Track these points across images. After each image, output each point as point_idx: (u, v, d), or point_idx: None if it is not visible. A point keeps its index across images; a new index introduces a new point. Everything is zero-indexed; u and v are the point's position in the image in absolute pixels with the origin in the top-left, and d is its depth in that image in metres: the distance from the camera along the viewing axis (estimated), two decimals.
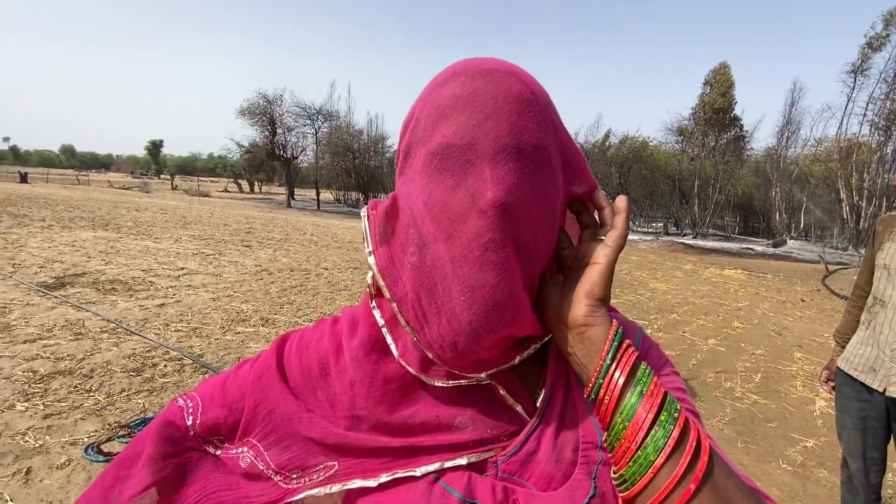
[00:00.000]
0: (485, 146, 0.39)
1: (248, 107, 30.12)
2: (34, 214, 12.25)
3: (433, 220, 0.41)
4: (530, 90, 0.41)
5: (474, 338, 0.39)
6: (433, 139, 0.41)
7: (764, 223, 36.28)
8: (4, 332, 3.89)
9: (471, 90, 0.40)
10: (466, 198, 0.39)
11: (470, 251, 0.39)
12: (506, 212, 0.38)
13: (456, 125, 0.40)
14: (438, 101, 0.41)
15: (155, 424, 0.47)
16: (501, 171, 0.38)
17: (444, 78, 0.43)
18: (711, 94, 29.35)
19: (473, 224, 0.38)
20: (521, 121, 0.40)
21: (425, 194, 0.41)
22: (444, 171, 0.40)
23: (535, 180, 0.40)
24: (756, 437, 3.22)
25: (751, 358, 5.01)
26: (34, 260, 6.73)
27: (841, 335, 1.96)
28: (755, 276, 12.13)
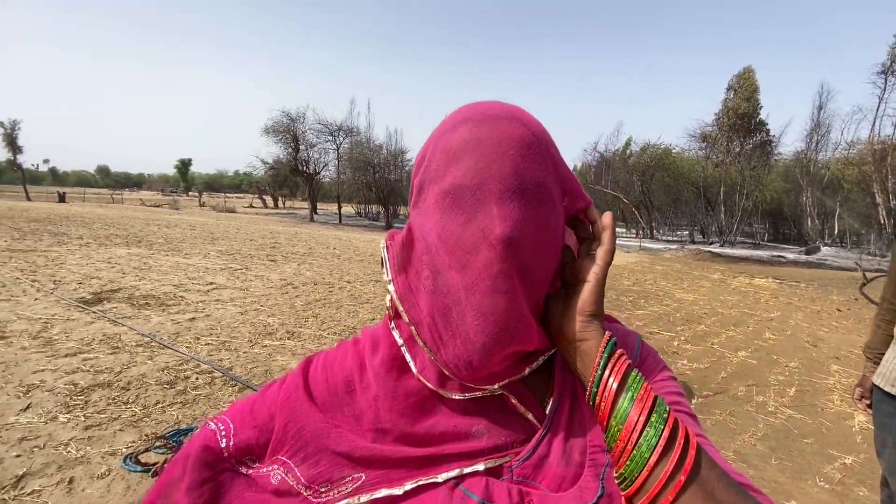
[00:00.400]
0: (492, 187, 0.43)
1: (273, 125, 31.04)
2: (72, 233, 12.83)
3: (447, 252, 0.45)
4: (531, 133, 0.46)
5: (486, 356, 0.44)
6: (446, 179, 0.45)
7: (795, 230, 35.12)
8: (47, 347, 4.08)
9: (478, 136, 0.45)
10: (477, 232, 0.43)
11: (482, 280, 0.43)
12: (512, 245, 0.43)
13: (466, 168, 0.44)
14: (449, 145, 0.46)
15: (193, 449, 0.51)
16: (508, 209, 0.43)
17: (453, 123, 0.48)
18: (735, 99, 28.78)
19: (484, 256, 0.43)
20: (523, 163, 0.44)
21: (439, 228, 0.46)
22: (456, 209, 0.45)
23: (539, 215, 0.45)
24: (791, 454, 3.11)
25: (784, 371, 4.85)
26: (73, 276, 7.04)
27: (871, 350, 1.88)
28: (787, 285, 11.74)
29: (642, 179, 32.51)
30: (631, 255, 18.35)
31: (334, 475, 0.48)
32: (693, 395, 4.01)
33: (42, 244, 10.15)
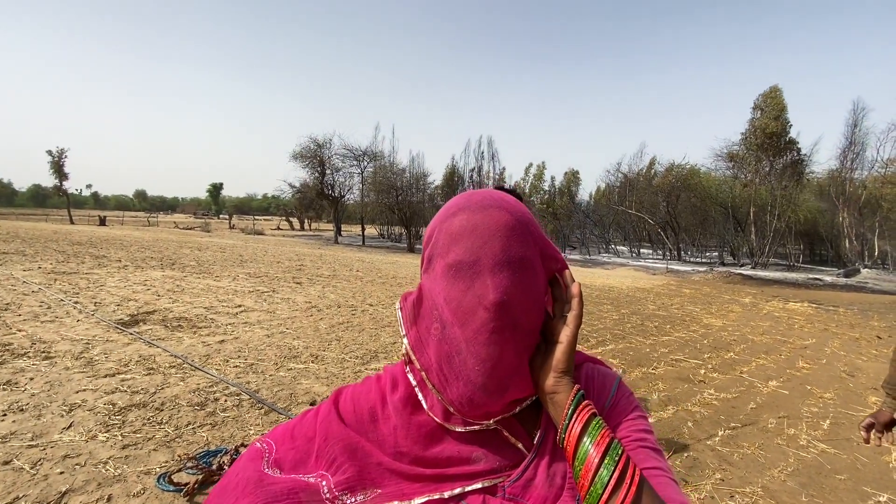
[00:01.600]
0: (486, 262, 0.56)
1: (301, 150, 32.16)
2: (111, 255, 13.47)
3: (451, 311, 0.57)
4: (514, 219, 0.59)
5: (486, 395, 0.55)
6: (450, 255, 0.58)
7: (832, 251, 33.70)
8: (88, 367, 4.31)
9: (473, 222, 0.58)
10: (475, 298, 0.56)
11: (480, 334, 0.55)
12: (503, 307, 0.55)
13: (465, 248, 0.57)
14: (451, 228, 0.59)
15: (243, 467, 0.62)
16: (498, 279, 0.55)
17: (455, 210, 0.61)
18: (762, 119, 28.27)
19: (481, 316, 0.55)
20: (508, 242, 0.57)
21: (445, 292, 0.58)
22: (458, 279, 0.57)
23: (524, 282, 0.57)
24: (823, 490, 2.99)
25: (818, 402, 4.66)
26: (112, 298, 7.41)
27: (891, 386, 1.80)
28: (824, 310, 11.28)
29: (667, 200, 32.02)
30: (657, 278, 17.97)
31: (356, 485, 0.59)
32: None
33: (84, 267, 10.70)
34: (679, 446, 3.51)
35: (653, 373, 5.32)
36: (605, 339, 6.91)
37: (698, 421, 4.00)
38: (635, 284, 15.12)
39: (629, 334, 7.30)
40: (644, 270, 21.66)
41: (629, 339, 6.91)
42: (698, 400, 4.50)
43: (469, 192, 0.64)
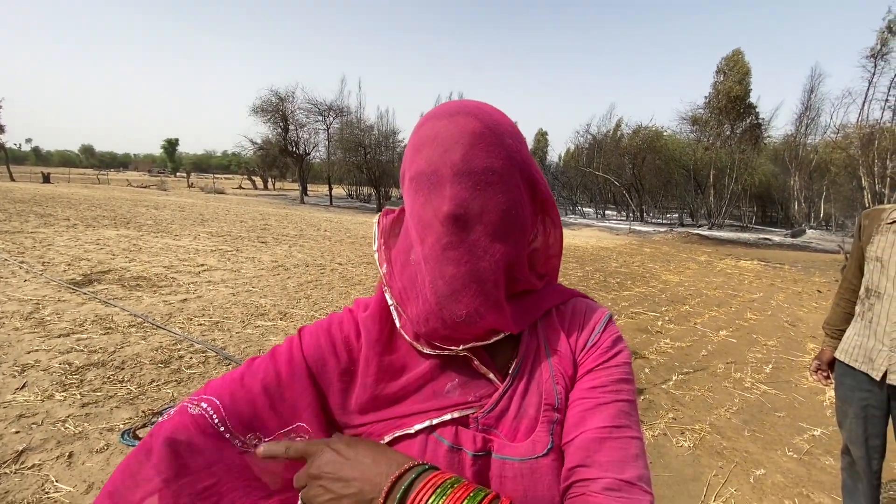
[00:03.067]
0: (444, 172, 0.51)
1: (261, 104, 30.44)
2: (59, 214, 12.65)
3: (414, 227, 0.55)
4: (482, 125, 0.52)
5: (439, 318, 0.51)
6: (412, 168, 0.54)
7: (782, 213, 35.53)
8: (40, 327, 4.11)
9: (435, 130, 0.53)
10: (432, 211, 0.52)
11: (434, 251, 0.52)
12: (458, 221, 0.51)
13: (425, 157, 0.52)
14: (415, 139, 0.55)
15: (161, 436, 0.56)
16: (455, 190, 0.51)
17: (422, 121, 0.56)
18: (726, 83, 28.71)
19: (436, 230, 0.51)
20: (472, 151, 0.51)
21: (409, 207, 0.56)
22: (419, 192, 0.53)
23: (486, 194, 0.52)
24: (764, 426, 3.27)
25: (762, 349, 5.03)
26: (62, 258, 7.00)
27: (831, 327, 2.01)
28: (771, 267, 11.99)
29: (633, 162, 32.56)
30: (620, 238, 18.54)
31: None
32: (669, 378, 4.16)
33: (28, 225, 10.02)
34: (636, 391, 3.72)
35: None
36: None
37: (654, 367, 4.24)
38: (599, 244, 15.56)
39: (592, 290, 7.56)
40: (608, 231, 22.26)
41: (592, 294, 7.16)
42: (655, 349, 4.76)
43: (447, 102, 0.58)
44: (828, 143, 27.95)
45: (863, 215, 1.88)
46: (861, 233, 1.85)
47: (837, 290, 2.01)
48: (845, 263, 11.15)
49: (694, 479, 2.59)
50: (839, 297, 1.99)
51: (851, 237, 11.47)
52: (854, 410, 1.83)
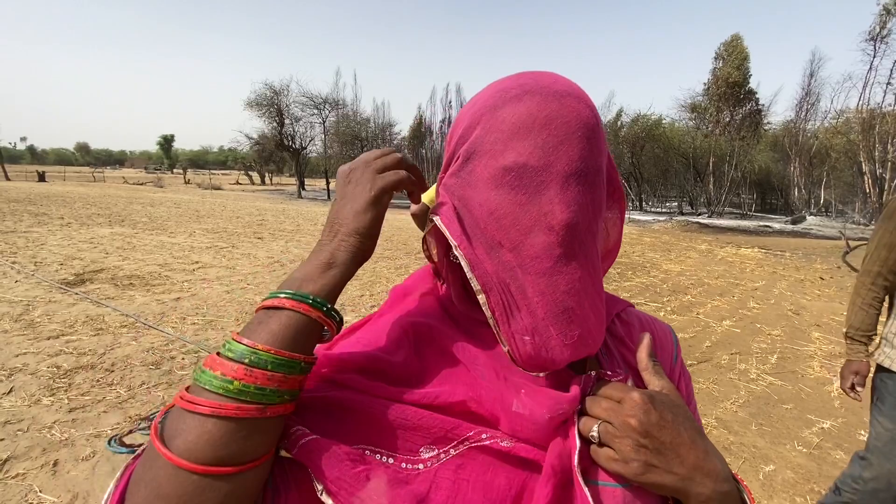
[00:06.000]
0: (558, 169, 0.42)
1: (256, 98, 30.14)
2: (53, 213, 12.52)
3: (501, 230, 0.44)
4: (594, 115, 0.45)
5: (546, 338, 0.43)
6: (506, 155, 0.43)
7: (782, 200, 35.40)
8: (29, 330, 4.01)
9: (546, 113, 0.43)
10: (537, 214, 0.42)
11: (540, 263, 0.43)
12: (573, 230, 0.42)
13: (532, 146, 0.42)
14: (512, 117, 0.43)
15: None
16: (572, 194, 0.42)
17: (516, 93, 0.45)
18: (725, 68, 28.45)
19: (542, 239, 0.42)
20: (589, 146, 0.43)
21: (493, 205, 0.44)
22: (517, 188, 0.43)
23: (594, 200, 0.45)
24: (771, 419, 3.19)
25: (767, 339, 4.95)
26: (54, 258, 6.90)
27: (862, 332, 1.72)
28: (772, 255, 11.91)
29: (632, 151, 32.36)
30: None
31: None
32: None
33: (22, 225, 9.90)
34: None
35: None
36: None
37: None
38: None
39: None
40: None
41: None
42: None
43: (530, 72, 0.48)
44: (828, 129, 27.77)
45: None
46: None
47: (861, 287, 1.73)
48: (847, 250, 11.04)
49: None
50: (871, 297, 1.70)
51: (852, 223, 11.18)
52: None
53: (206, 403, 0.36)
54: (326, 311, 0.43)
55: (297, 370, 0.41)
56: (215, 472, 0.36)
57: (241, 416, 0.37)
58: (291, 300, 0.42)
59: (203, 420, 0.36)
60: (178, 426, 0.37)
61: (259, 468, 0.39)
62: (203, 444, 0.36)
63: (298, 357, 0.41)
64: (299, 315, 0.41)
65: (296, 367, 0.40)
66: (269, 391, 0.38)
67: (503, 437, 0.44)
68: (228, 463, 0.36)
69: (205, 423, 0.36)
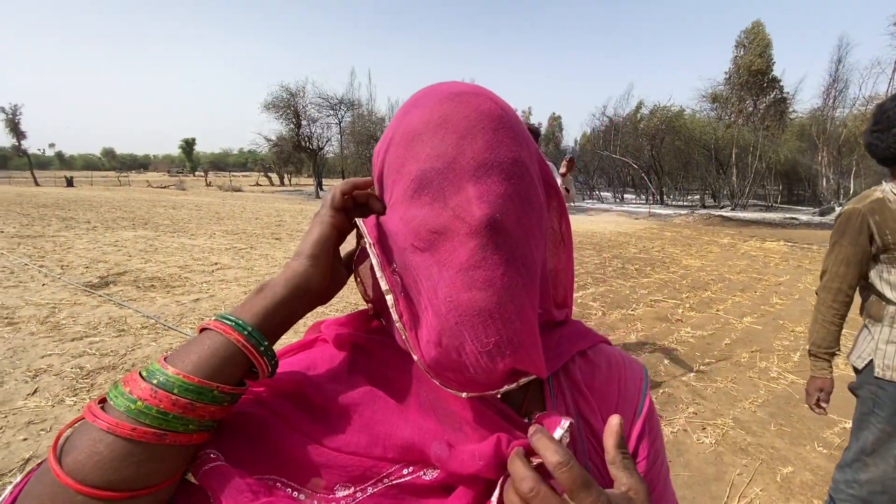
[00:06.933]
0: (463, 164, 0.39)
1: (273, 100, 30.60)
2: (80, 217, 12.94)
3: (413, 233, 0.40)
4: (499, 106, 0.42)
5: (456, 348, 0.38)
6: (410, 166, 0.41)
7: (810, 191, 34.22)
8: (54, 332, 4.16)
9: (440, 113, 0.41)
10: (448, 217, 0.39)
11: (455, 255, 0.38)
12: (493, 222, 0.38)
13: (431, 149, 0.40)
14: (409, 128, 0.42)
15: None
16: (485, 186, 0.39)
17: (411, 105, 0.44)
18: (747, 56, 27.62)
19: (460, 232, 0.38)
20: (496, 137, 0.40)
21: (408, 215, 0.41)
22: (426, 194, 0.40)
23: (519, 192, 0.41)
24: (791, 419, 3.09)
25: (790, 335, 4.80)
26: (80, 261, 7.13)
27: (825, 350, 1.73)
28: (798, 248, 11.53)
29: (652, 143, 31.73)
30: (640, 222, 18.11)
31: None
32: (690, 369, 3.99)
33: (50, 229, 10.26)
34: (654, 383, 3.57)
35: (632, 314, 5.38)
36: (586, 282, 6.96)
37: (674, 358, 4.07)
38: (618, 229, 15.22)
39: (610, 277, 7.36)
40: (627, 215, 21.77)
41: (610, 282, 6.97)
42: (675, 338, 4.58)
43: (433, 84, 0.46)
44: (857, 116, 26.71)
45: (865, 211, 1.59)
46: (874, 231, 1.58)
47: (822, 304, 1.72)
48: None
49: (716, 478, 2.45)
50: (832, 315, 1.70)
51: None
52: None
53: (106, 419, 0.35)
54: (248, 334, 0.40)
55: (207, 398, 0.37)
56: (101, 496, 0.34)
57: (135, 438, 0.34)
58: (216, 321, 0.40)
59: (98, 438, 0.34)
60: (75, 441, 0.35)
61: (153, 495, 0.37)
62: (92, 465, 0.34)
63: (210, 385, 0.37)
64: (221, 338, 0.39)
65: (206, 396, 0.37)
66: (171, 417, 0.36)
67: (426, 468, 0.41)
68: (117, 487, 0.34)
69: (98, 443, 0.34)
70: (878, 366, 1.64)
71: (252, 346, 0.40)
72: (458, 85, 0.44)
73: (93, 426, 0.35)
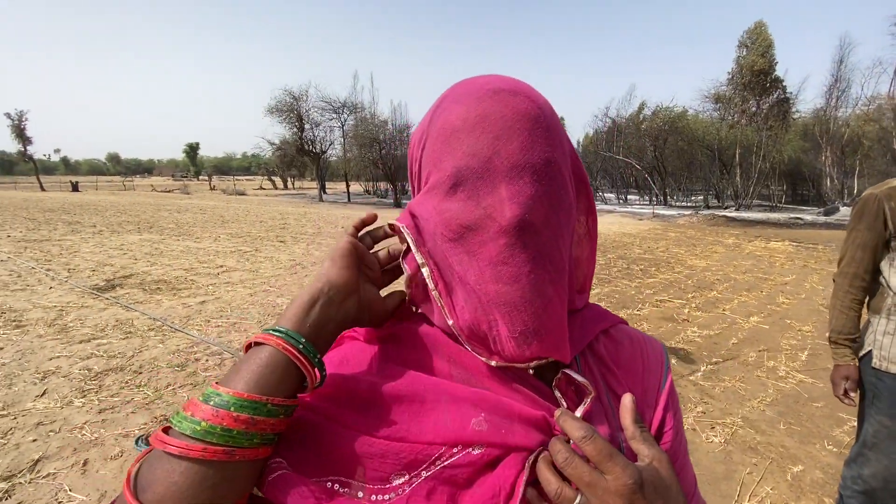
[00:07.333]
0: (498, 164, 0.41)
1: (276, 104, 30.72)
2: (86, 221, 13.02)
3: (445, 224, 0.43)
4: (537, 106, 0.43)
5: (491, 318, 0.43)
6: (446, 162, 0.43)
7: (814, 190, 34.05)
8: (62, 334, 4.18)
9: (478, 112, 0.42)
10: (480, 215, 0.41)
11: (486, 249, 0.41)
12: (522, 223, 0.41)
13: (468, 147, 0.42)
14: (447, 124, 0.43)
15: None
16: (517, 187, 0.41)
17: (451, 100, 0.45)
18: (749, 56, 27.57)
19: (491, 230, 0.41)
20: (531, 138, 0.42)
21: (441, 207, 0.44)
22: (461, 191, 0.42)
23: (549, 193, 0.42)
24: (801, 418, 3.08)
25: (797, 335, 4.77)
26: (87, 264, 7.17)
27: (845, 336, 1.70)
28: (804, 248, 11.47)
29: (655, 144, 31.65)
30: (644, 223, 18.06)
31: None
32: (697, 364, 3.97)
33: (56, 233, 10.33)
34: None
35: (637, 314, 5.37)
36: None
37: (682, 358, 4.06)
38: (622, 230, 15.18)
39: (615, 278, 7.34)
40: (631, 216, 21.72)
41: (615, 283, 6.96)
42: (682, 338, 4.56)
43: (470, 77, 0.47)
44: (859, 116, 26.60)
45: (882, 197, 1.59)
46: (888, 217, 1.58)
47: (840, 290, 1.71)
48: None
49: (726, 477, 2.44)
50: (850, 300, 1.68)
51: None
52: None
53: (175, 444, 0.36)
54: (302, 346, 0.41)
55: (262, 412, 0.39)
56: None
57: (207, 458, 0.36)
58: (268, 334, 0.42)
59: (172, 468, 0.36)
60: (148, 476, 0.36)
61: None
62: (171, 496, 0.35)
63: (263, 399, 0.39)
64: (275, 353, 0.41)
65: (261, 410, 0.38)
66: (236, 433, 0.37)
67: (472, 446, 0.42)
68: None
69: (172, 472, 0.35)
70: (876, 356, 1.64)
71: (305, 359, 0.42)
72: (497, 80, 0.45)
73: (163, 456, 0.36)
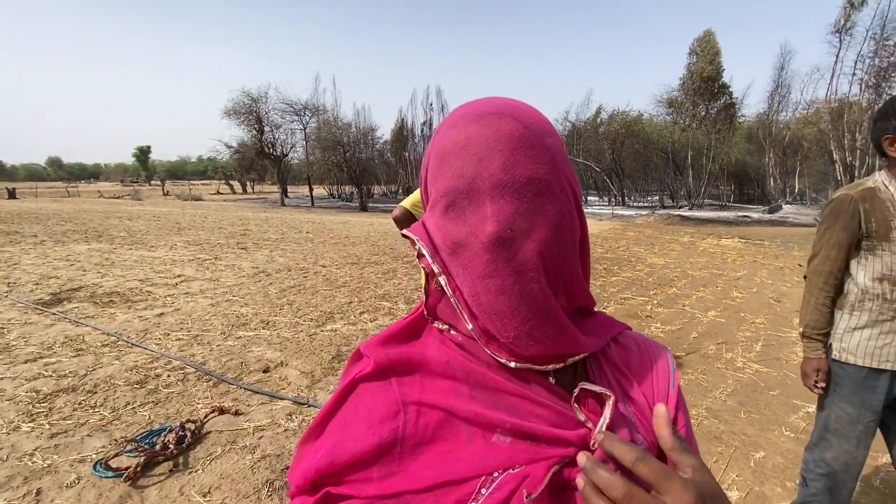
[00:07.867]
0: (480, 185, 0.43)
1: (234, 106, 29.75)
2: (26, 230, 12.15)
3: (443, 238, 0.47)
4: (522, 126, 0.45)
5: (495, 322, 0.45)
6: (438, 184, 0.46)
7: (759, 190, 36.21)
8: (4, 353, 3.87)
9: (465, 136, 0.45)
10: (466, 231, 0.44)
11: (475, 263, 0.44)
12: (504, 243, 0.43)
13: (454, 169, 0.45)
14: (441, 148, 0.47)
15: None
16: (498, 206, 0.43)
17: (447, 125, 0.48)
18: (699, 64, 29.03)
19: (480, 257, 0.43)
20: (512, 157, 0.44)
21: (435, 224, 0.48)
22: (451, 209, 0.45)
23: (535, 208, 0.44)
24: (759, 406, 3.25)
25: (751, 327, 5.04)
26: (29, 277, 6.69)
27: (819, 331, 1.76)
28: (752, 244, 12.16)
29: (613, 147, 32.75)
30: (604, 223, 18.63)
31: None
32: None
33: None
34: None
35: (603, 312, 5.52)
36: None
37: None
38: None
39: None
40: (591, 217, 22.35)
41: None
42: (647, 334, 4.71)
43: (473, 101, 0.50)
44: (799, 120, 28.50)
45: (857, 198, 1.65)
46: (862, 218, 1.65)
47: (814, 287, 1.76)
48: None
49: None
50: (824, 297, 1.74)
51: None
52: (865, 425, 1.67)
53: None
54: None
55: None
56: None
57: None
58: None
59: None
60: None
61: None
62: None
63: None
64: None
65: None
66: None
67: (506, 468, 0.44)
68: None
69: None
70: (836, 349, 1.73)
71: None
72: (489, 104, 0.47)
73: None
